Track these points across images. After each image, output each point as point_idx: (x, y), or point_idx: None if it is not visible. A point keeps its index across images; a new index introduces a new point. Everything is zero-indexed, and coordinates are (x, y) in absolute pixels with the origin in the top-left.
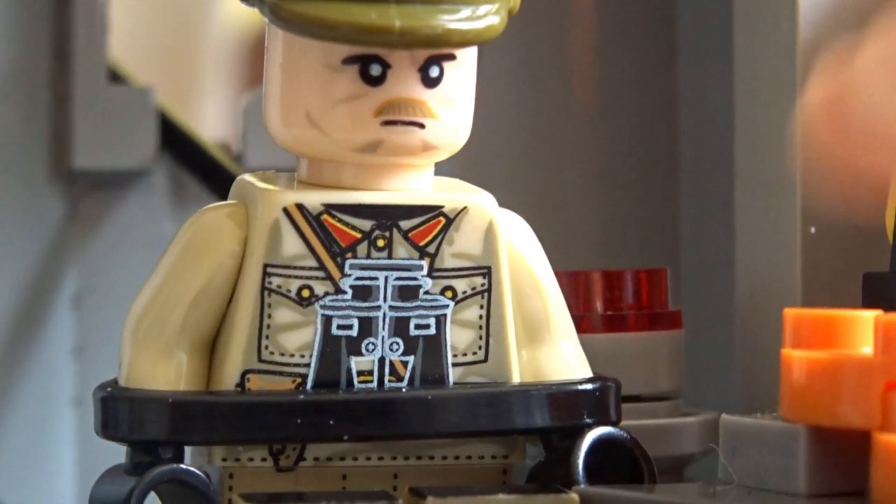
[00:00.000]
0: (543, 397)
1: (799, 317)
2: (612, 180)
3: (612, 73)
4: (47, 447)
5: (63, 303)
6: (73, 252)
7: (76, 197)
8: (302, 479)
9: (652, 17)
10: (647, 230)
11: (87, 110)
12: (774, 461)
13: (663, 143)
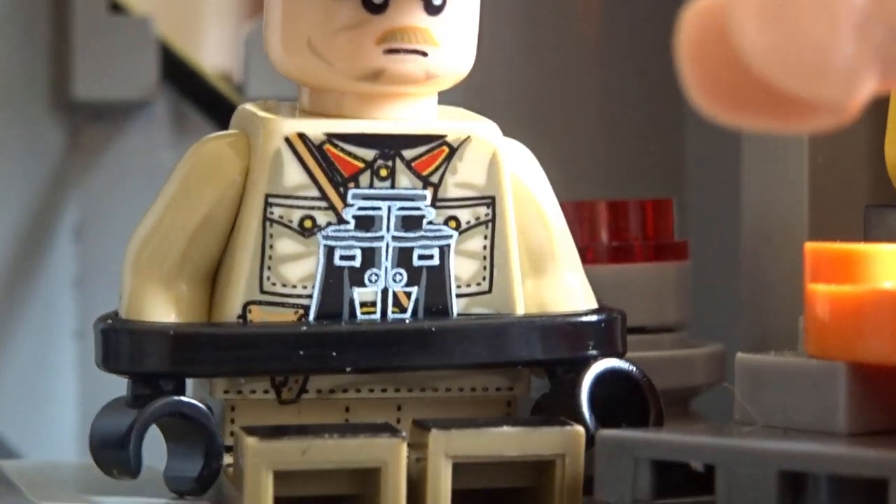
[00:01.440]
0: (548, 328)
1: (819, 251)
2: (617, 109)
3: (618, 14)
4: (48, 379)
5: (64, 234)
6: (73, 183)
7: (76, 128)
8: (304, 412)
9: None
10: (653, 160)
11: (87, 40)
12: (807, 400)
13: (668, 70)
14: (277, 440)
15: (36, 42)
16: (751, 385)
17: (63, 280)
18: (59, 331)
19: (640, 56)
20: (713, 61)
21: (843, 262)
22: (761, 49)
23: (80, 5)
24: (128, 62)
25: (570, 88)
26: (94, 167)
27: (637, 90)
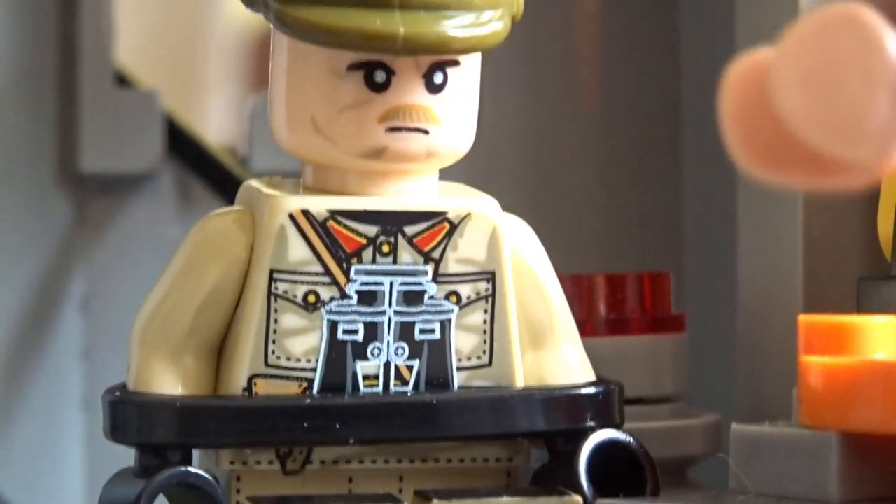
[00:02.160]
0: (547, 401)
1: (813, 323)
2: (615, 184)
3: (615, 79)
4: (55, 450)
5: (71, 306)
6: (80, 255)
7: (83, 200)
8: (308, 482)
9: (655, 24)
10: (650, 234)
11: (94, 113)
12: (801, 469)
13: (666, 147)
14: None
15: (43, 114)
16: (746, 455)
17: (70, 352)
18: (66, 402)
19: (638, 133)
20: (754, 120)
21: (836, 334)
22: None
23: (87, 78)
24: (134, 135)
25: (569, 164)
26: (101, 239)
27: (635, 166)
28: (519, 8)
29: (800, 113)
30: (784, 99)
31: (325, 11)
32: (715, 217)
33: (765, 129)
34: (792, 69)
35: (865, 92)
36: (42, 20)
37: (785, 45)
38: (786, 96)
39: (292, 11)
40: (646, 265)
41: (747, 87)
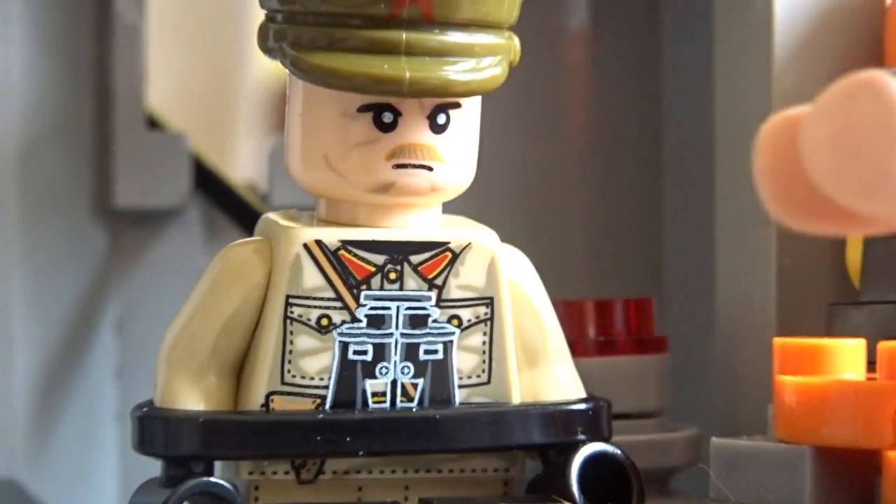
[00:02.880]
0: (541, 416)
1: (787, 345)
2: (602, 217)
3: (601, 123)
4: (91, 459)
5: (106, 328)
6: (115, 282)
7: (117, 232)
8: (321, 491)
9: (638, 71)
10: (635, 263)
11: (127, 154)
12: (776, 480)
13: (649, 184)
14: None
15: (80, 154)
16: (725, 466)
17: (106, 370)
18: (101, 415)
19: (622, 170)
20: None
21: (809, 355)
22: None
23: (121, 122)
24: (163, 173)
25: (560, 199)
26: (133, 268)
27: (621, 200)
28: (516, 55)
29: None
30: (813, 157)
31: (336, 57)
32: (694, 248)
33: (795, 182)
34: (820, 131)
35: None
36: (80, 67)
37: (815, 108)
38: (815, 155)
39: (307, 57)
40: (631, 292)
41: (779, 144)
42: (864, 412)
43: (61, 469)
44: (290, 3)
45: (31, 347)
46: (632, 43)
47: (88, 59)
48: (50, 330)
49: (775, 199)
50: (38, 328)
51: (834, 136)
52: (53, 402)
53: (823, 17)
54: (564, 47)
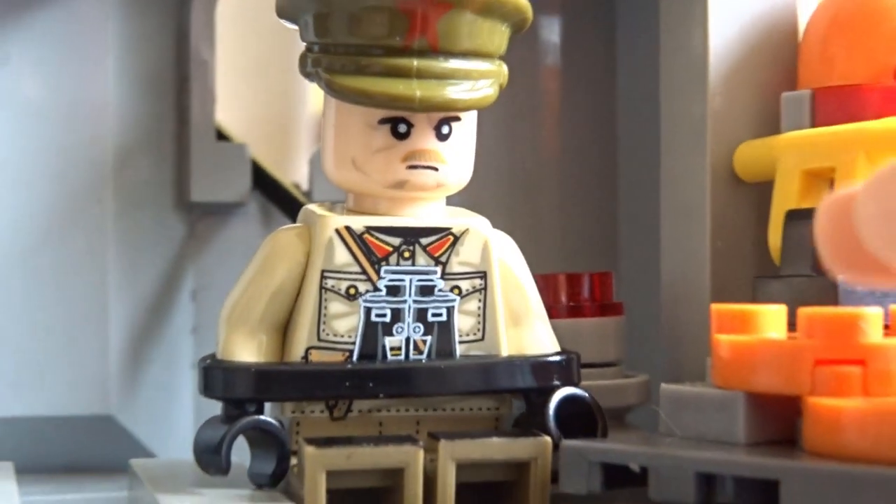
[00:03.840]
0: (524, 366)
1: (722, 310)
2: (570, 208)
3: (568, 134)
4: (171, 400)
5: (184, 296)
6: (190, 261)
7: (193, 222)
8: (349, 426)
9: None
10: (597, 244)
11: (200, 160)
12: (714, 418)
13: (607, 182)
14: (329, 448)
15: (163, 161)
16: (672, 407)
17: (183, 329)
18: (181, 364)
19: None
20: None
21: (740, 318)
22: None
23: (195, 135)
24: (229, 176)
25: (538, 195)
26: (205, 249)
27: (585, 195)
28: (505, 79)
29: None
30: (867, 229)
31: (362, 80)
32: (644, 232)
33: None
34: (872, 208)
35: None
36: (163, 92)
37: (866, 188)
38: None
39: (338, 80)
40: (594, 267)
41: (837, 215)
42: (787, 365)
43: (147, 407)
44: (324, 36)
45: (123, 312)
46: (592, 72)
47: (170, 86)
48: (139, 298)
49: (832, 258)
50: (130, 297)
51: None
52: (141, 354)
53: (748, 50)
54: (540, 75)
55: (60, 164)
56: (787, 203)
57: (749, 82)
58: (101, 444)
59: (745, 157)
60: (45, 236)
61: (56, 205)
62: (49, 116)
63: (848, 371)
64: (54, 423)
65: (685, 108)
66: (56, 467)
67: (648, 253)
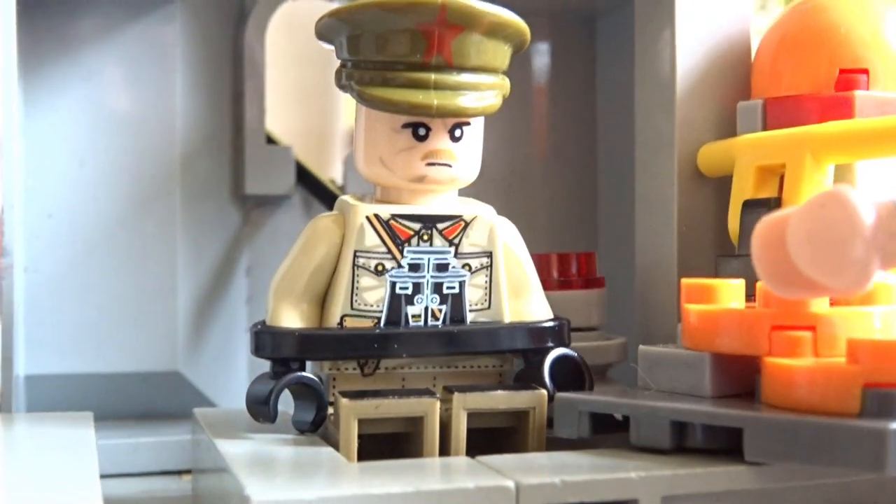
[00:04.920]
0: (524, 330)
1: (690, 284)
2: (559, 199)
3: (556, 137)
4: (229, 358)
5: (240, 272)
6: (245, 243)
7: (247, 210)
8: (378, 381)
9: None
10: (581, 228)
11: (254, 160)
12: (685, 375)
13: (589, 177)
14: (360, 399)
15: (222, 160)
16: (649, 365)
17: (239, 299)
18: (237, 329)
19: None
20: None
21: (706, 290)
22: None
23: (249, 139)
24: (277, 172)
25: (533, 187)
26: (257, 234)
27: (571, 188)
28: (507, 90)
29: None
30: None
31: (387, 91)
32: (622, 219)
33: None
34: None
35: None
36: (222, 102)
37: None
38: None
39: (368, 91)
40: (580, 247)
41: (771, 235)
42: (747, 330)
43: (209, 365)
44: (356, 55)
45: (189, 286)
46: (576, 84)
47: (228, 99)
48: (202, 274)
49: (767, 275)
50: (195, 273)
51: (811, 233)
52: (204, 320)
53: (709, 67)
54: (533, 89)
55: (136, 164)
56: (744, 194)
57: (710, 94)
58: (169, 395)
59: (707, 156)
60: (124, 223)
61: (133, 198)
62: (127, 124)
63: (800, 335)
64: (130, 378)
65: (656, 115)
66: (130, 415)
67: (625, 236)
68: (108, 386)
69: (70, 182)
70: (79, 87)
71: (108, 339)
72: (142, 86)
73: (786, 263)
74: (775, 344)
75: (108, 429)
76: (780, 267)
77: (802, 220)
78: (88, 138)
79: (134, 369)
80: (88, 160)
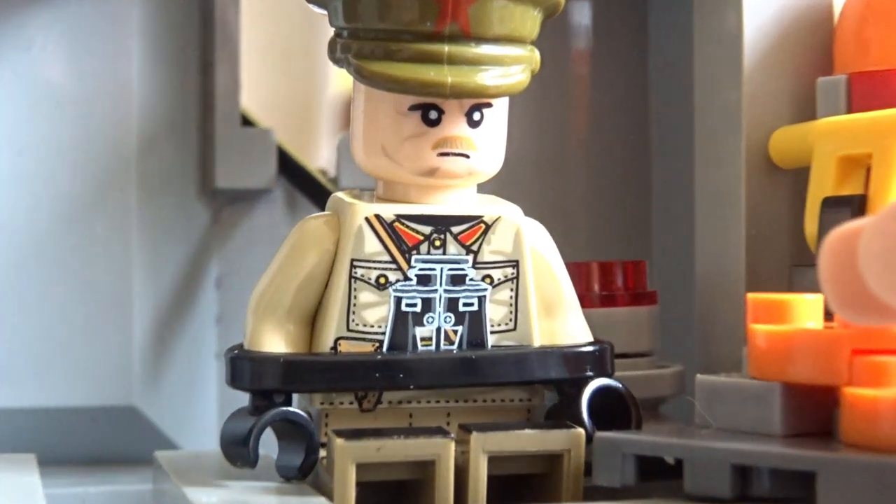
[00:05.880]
0: (557, 356)
1: (758, 299)
2: (602, 194)
3: (599, 118)
4: (195, 391)
5: (208, 284)
6: (215, 248)
7: (217, 208)
8: (379, 418)
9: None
10: (630, 232)
11: (225, 145)
12: (751, 409)
13: (639, 168)
14: (359, 440)
15: (187, 146)
16: (707, 398)
17: (207, 318)
18: (205, 354)
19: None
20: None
21: (776, 308)
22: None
23: (220, 120)
24: (254, 161)
25: (569, 181)
26: (230, 237)
27: (617, 180)
28: (537, 64)
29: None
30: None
31: (392, 66)
32: (678, 219)
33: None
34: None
35: None
36: (187, 75)
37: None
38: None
39: (368, 66)
40: (627, 255)
41: (841, 251)
42: (824, 355)
43: (171, 398)
44: (354, 21)
45: (147, 300)
46: (624, 55)
47: (194, 69)
48: (163, 286)
49: (836, 300)
50: (154, 285)
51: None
52: (165, 343)
53: (783, 33)
54: (571, 61)
55: (82, 150)
56: (824, 190)
57: (784, 67)
58: (124, 435)
59: (780, 142)
60: (67, 224)
61: (78, 192)
62: (71, 101)
63: (885, 361)
64: (76, 414)
65: (719, 92)
66: (79, 459)
67: (682, 241)
68: (49, 423)
69: (3, 175)
70: (16, 60)
71: (48, 366)
72: (91, 57)
73: (858, 285)
74: (857, 371)
75: (52, 475)
76: (852, 289)
77: (875, 238)
78: (27, 121)
79: (81, 403)
80: (26, 148)
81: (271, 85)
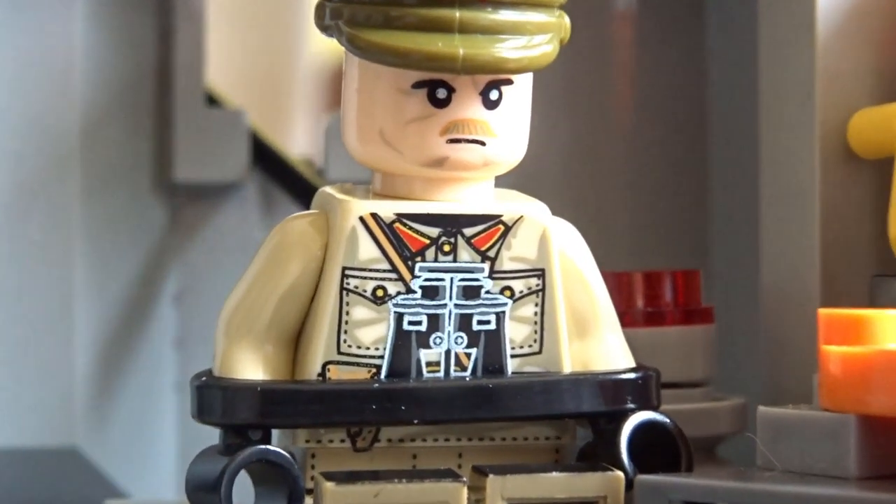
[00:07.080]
0: (592, 385)
1: (831, 316)
2: (649, 189)
3: (647, 99)
4: (151, 429)
5: (165, 300)
6: (174, 255)
7: (177, 206)
8: (377, 459)
9: (683, 48)
10: (682, 234)
11: (187, 130)
12: (822, 448)
13: (694, 159)
14: (352, 485)
15: (141, 131)
16: (771, 435)
17: (164, 341)
18: (161, 385)
19: (668, 145)
20: None
21: (853, 325)
22: None
23: (181, 98)
24: (222, 149)
25: (609, 173)
26: (192, 241)
27: (667, 174)
28: (566, 32)
29: None
30: None
31: (392, 34)
32: (740, 220)
33: None
34: None
35: None
36: (141, 45)
37: None
38: None
39: (363, 35)
40: (677, 263)
41: None
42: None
43: (121, 438)
44: None
45: (91, 319)
46: (677, 21)
47: (150, 36)
48: (110, 302)
49: None
50: (99, 300)
51: None
52: (114, 372)
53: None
54: (611, 26)
55: (15, 134)
56: None
57: (865, 38)
58: (65, 481)
59: (861, 127)
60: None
61: (9, 185)
62: (5, 81)
63: None
64: (8, 456)
65: (789, 69)
66: None
67: (744, 247)
68: None
69: None
70: None
71: None
72: (25, 21)
73: None
74: None
75: None
76: None
77: None
78: None
79: (13, 444)
80: None
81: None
